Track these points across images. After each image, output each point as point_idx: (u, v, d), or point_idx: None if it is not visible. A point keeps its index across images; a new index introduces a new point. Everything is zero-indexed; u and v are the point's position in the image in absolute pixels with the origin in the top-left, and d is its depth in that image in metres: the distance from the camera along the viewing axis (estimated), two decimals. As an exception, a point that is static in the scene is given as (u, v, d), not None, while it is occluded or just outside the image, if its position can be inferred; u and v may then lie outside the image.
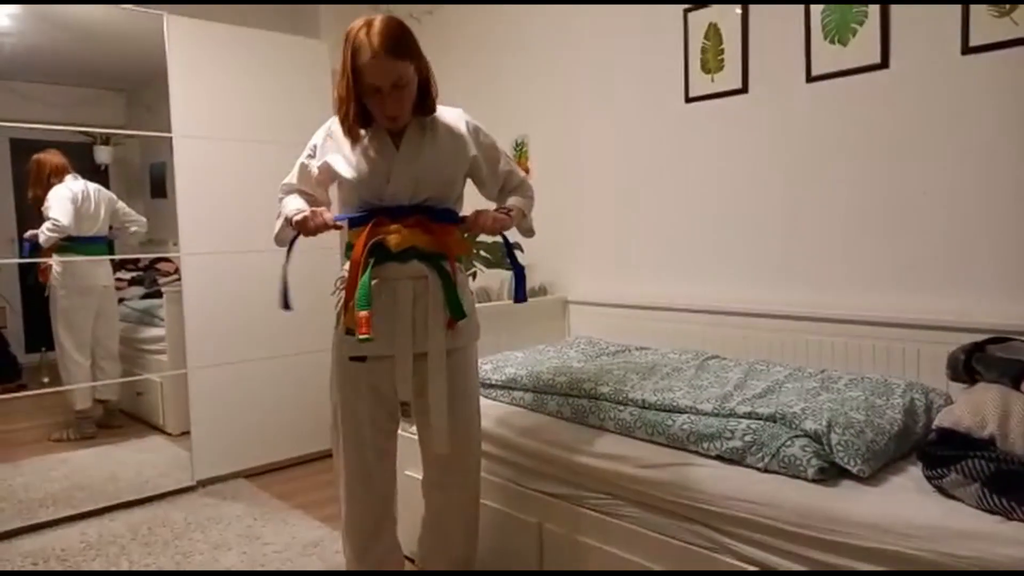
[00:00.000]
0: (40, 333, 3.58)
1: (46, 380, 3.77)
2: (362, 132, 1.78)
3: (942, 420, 1.53)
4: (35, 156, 3.38)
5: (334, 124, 1.83)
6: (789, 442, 1.64)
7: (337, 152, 1.80)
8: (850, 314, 2.31)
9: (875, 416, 1.71)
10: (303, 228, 1.75)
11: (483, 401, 2.06)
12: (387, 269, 1.75)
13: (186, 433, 3.40)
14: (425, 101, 1.79)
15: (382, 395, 1.83)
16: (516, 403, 2.31)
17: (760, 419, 1.74)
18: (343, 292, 1.79)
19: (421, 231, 1.76)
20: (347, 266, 1.82)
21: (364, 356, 1.79)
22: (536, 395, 2.24)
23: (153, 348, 3.74)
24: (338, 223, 1.78)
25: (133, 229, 3.62)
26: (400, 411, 1.86)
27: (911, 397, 1.86)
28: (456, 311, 1.78)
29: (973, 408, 1.50)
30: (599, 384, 2.12)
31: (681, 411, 1.88)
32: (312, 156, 1.88)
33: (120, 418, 3.77)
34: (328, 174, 1.84)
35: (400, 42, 1.66)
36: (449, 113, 1.87)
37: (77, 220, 3.38)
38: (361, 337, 1.63)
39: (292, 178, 1.92)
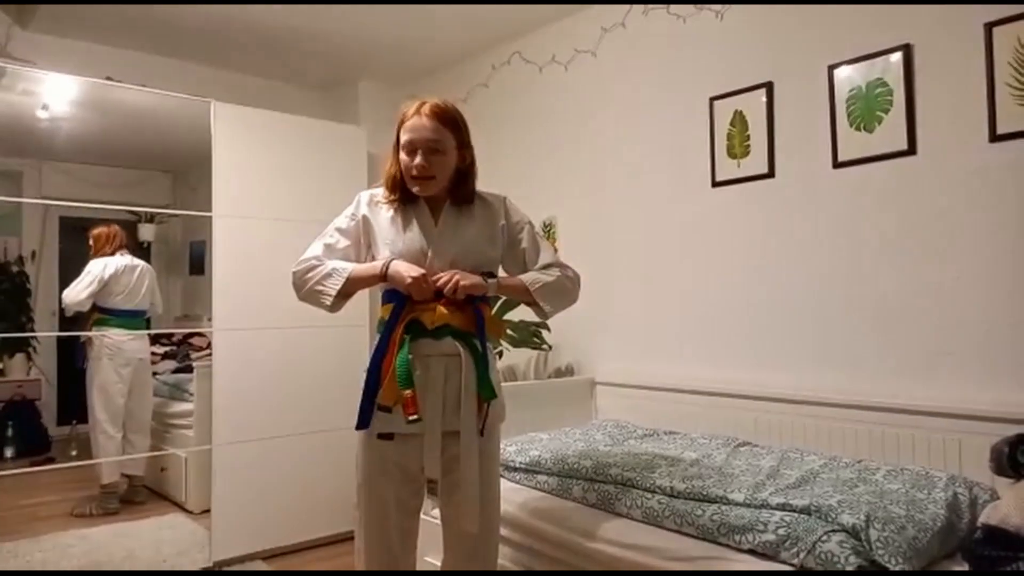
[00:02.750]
0: (72, 406, 3.62)
1: (74, 453, 3.79)
2: (401, 205, 1.82)
3: (988, 517, 1.45)
4: (98, 228, 3.53)
5: (378, 193, 1.88)
6: (825, 537, 1.56)
7: (378, 218, 1.85)
8: (886, 402, 2.24)
9: (916, 511, 1.63)
10: (415, 289, 1.72)
11: (506, 484, 2.02)
12: (421, 346, 1.76)
13: (207, 511, 3.36)
14: (463, 188, 1.84)
15: (408, 473, 1.81)
16: (540, 487, 2.25)
17: (794, 511, 1.67)
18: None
19: (456, 309, 1.77)
20: (378, 341, 1.82)
21: (392, 433, 1.77)
22: (561, 479, 2.18)
23: (180, 423, 3.75)
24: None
25: (152, 312, 3.73)
26: (427, 488, 1.82)
27: (954, 491, 1.78)
28: (487, 391, 1.77)
29: (1021, 505, 1.42)
30: (626, 469, 2.06)
31: (711, 500, 1.81)
32: (352, 220, 1.89)
33: (143, 494, 3.75)
34: (368, 235, 1.86)
35: (447, 113, 1.77)
36: (490, 195, 1.93)
37: (117, 295, 3.48)
38: (410, 418, 1.63)
39: (316, 251, 1.90)
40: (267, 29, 3.60)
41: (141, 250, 3.83)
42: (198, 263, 3.91)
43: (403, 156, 1.78)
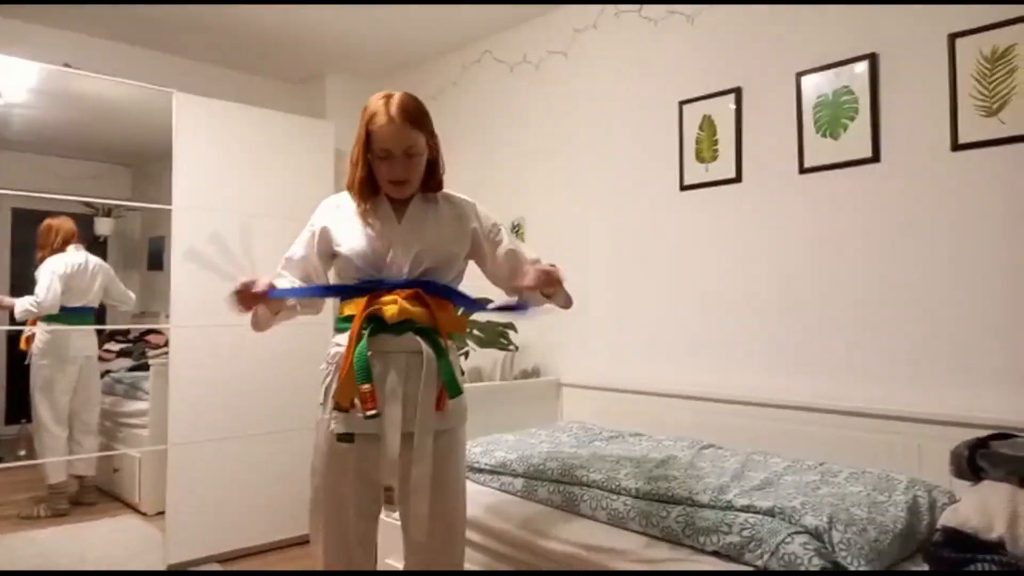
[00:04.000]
0: (22, 404, 3.49)
1: (23, 453, 3.66)
2: (366, 203, 1.78)
3: (948, 519, 1.47)
4: (47, 221, 3.40)
5: (342, 198, 1.84)
6: (789, 539, 1.57)
7: (339, 222, 1.80)
8: (850, 406, 2.27)
9: (877, 513, 1.65)
10: (240, 300, 1.74)
11: (471, 486, 1.99)
12: (381, 341, 1.69)
13: (161, 513, 3.27)
14: (432, 178, 1.81)
15: (368, 478, 1.75)
16: (505, 488, 2.22)
17: (759, 513, 1.67)
18: (332, 367, 1.74)
19: (418, 303, 1.73)
20: (336, 338, 1.78)
21: (352, 435, 1.71)
22: (527, 481, 2.16)
23: (135, 422, 3.64)
24: (270, 296, 1.73)
25: (122, 308, 3.60)
26: (384, 496, 1.76)
27: (914, 494, 1.80)
28: (452, 387, 1.72)
29: (980, 507, 1.44)
30: (591, 471, 2.05)
31: (677, 502, 1.81)
32: (311, 232, 1.86)
33: (95, 495, 3.63)
34: (327, 243, 1.82)
35: (416, 113, 1.72)
36: (457, 197, 1.90)
37: (67, 292, 3.36)
38: (368, 413, 1.58)
39: (296, 252, 1.89)
40: (233, 19, 3.52)
41: (97, 244, 3.71)
42: (156, 259, 3.81)
43: (377, 162, 1.73)
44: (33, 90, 3.30)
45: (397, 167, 1.71)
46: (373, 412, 1.59)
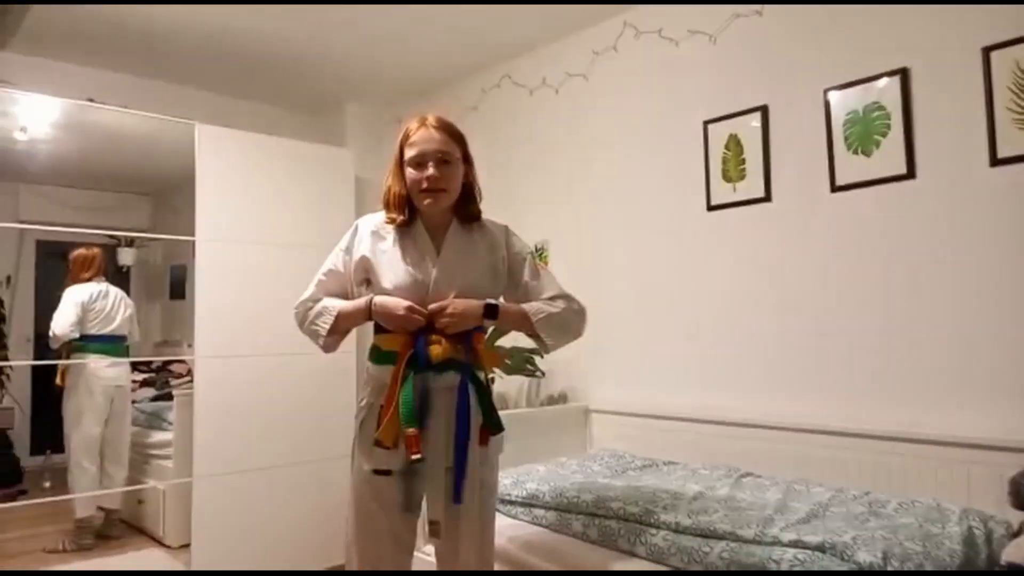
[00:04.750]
0: (46, 435, 3.50)
1: (48, 485, 3.67)
2: (400, 216, 1.75)
3: (1011, 555, 1.40)
4: (79, 251, 3.44)
5: (379, 223, 1.80)
6: (842, 576, 1.50)
7: (378, 252, 1.77)
8: (891, 431, 2.19)
9: (933, 547, 1.57)
10: (405, 322, 1.65)
11: (503, 519, 1.94)
12: (422, 379, 1.68)
13: (186, 546, 3.23)
14: (468, 206, 1.78)
15: (406, 510, 1.73)
16: (537, 522, 2.16)
17: (807, 548, 1.60)
18: (371, 401, 1.72)
19: (458, 341, 1.70)
20: (372, 370, 1.75)
21: (390, 470, 1.69)
22: (560, 514, 2.10)
23: (159, 453, 3.63)
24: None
25: (127, 342, 3.61)
26: (428, 529, 1.73)
27: (968, 525, 1.72)
28: (494, 424, 1.70)
29: (1046, 541, 1.37)
30: (628, 503, 1.98)
31: (719, 537, 1.74)
32: (346, 253, 1.82)
33: (120, 528, 3.62)
34: (363, 272, 1.78)
35: (452, 127, 1.76)
36: (492, 224, 1.87)
37: (92, 320, 3.38)
38: (413, 458, 1.56)
39: (311, 291, 1.86)
40: (252, 51, 3.54)
41: (120, 275, 3.73)
42: (178, 287, 3.82)
43: (410, 171, 1.72)
44: (57, 125, 3.33)
45: (431, 172, 1.69)
46: (418, 456, 1.57)
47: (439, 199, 1.72)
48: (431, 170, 1.69)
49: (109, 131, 3.45)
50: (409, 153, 1.72)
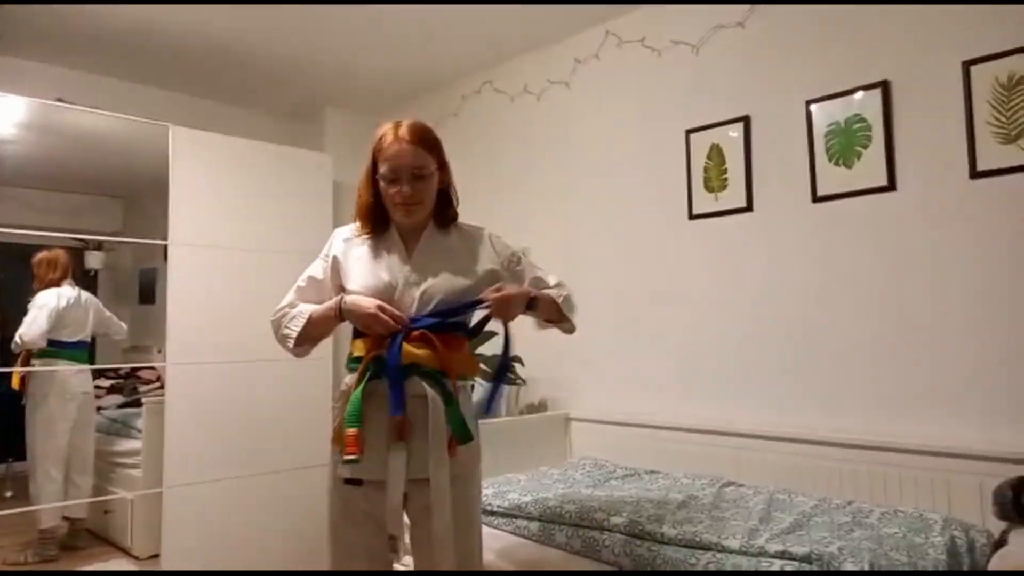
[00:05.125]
0: (7, 442, 3.38)
1: (10, 494, 3.55)
2: (371, 230, 1.73)
3: (998, 565, 1.40)
4: (41, 254, 3.33)
5: (353, 229, 1.79)
6: (829, 587, 1.49)
7: (349, 254, 1.75)
8: (873, 440, 2.20)
9: (918, 557, 1.58)
10: (373, 321, 1.62)
11: (484, 530, 1.89)
12: (384, 386, 1.63)
13: (155, 556, 3.14)
14: (445, 211, 1.75)
15: (379, 523, 1.68)
16: (519, 532, 2.13)
17: (794, 559, 1.60)
18: (340, 408, 1.68)
19: (424, 345, 1.65)
20: (346, 378, 1.71)
21: (360, 480, 1.64)
22: (543, 524, 2.07)
23: (126, 462, 3.52)
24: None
25: (116, 338, 3.52)
26: (389, 546, 1.68)
27: (951, 535, 1.73)
28: (461, 433, 1.65)
29: (1031, 552, 1.37)
30: (611, 514, 1.96)
31: (705, 547, 1.73)
32: (324, 261, 1.80)
33: (85, 538, 3.50)
34: (337, 275, 1.76)
35: (426, 136, 1.69)
36: (469, 227, 1.84)
37: (62, 327, 3.28)
38: (347, 458, 1.51)
39: (289, 298, 1.82)
40: (229, 52, 3.48)
41: (88, 278, 3.63)
42: (148, 292, 3.72)
43: (384, 185, 1.68)
44: (24, 125, 3.23)
45: (404, 188, 1.66)
46: (352, 457, 1.52)
47: (413, 212, 1.70)
48: (405, 186, 1.66)
49: (79, 132, 3.36)
50: (382, 168, 1.67)
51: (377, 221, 1.74)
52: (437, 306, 1.69)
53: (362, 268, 1.72)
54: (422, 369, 1.64)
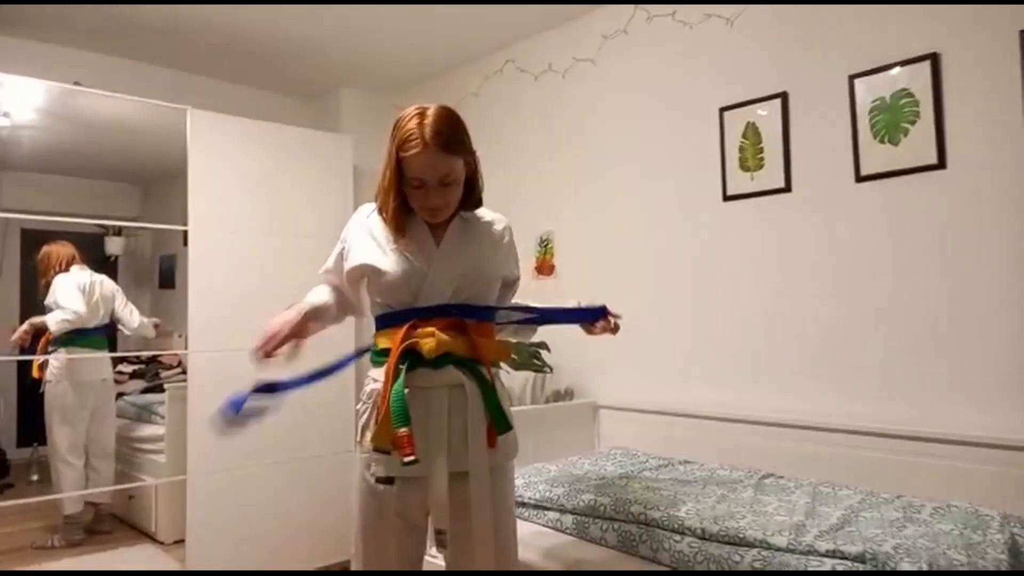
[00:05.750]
0: (33, 427, 3.40)
1: (35, 478, 3.59)
2: (404, 236, 1.64)
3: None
4: (44, 247, 3.30)
5: (373, 218, 1.70)
6: (886, 589, 1.42)
7: (374, 248, 1.66)
8: (922, 431, 2.11)
9: (977, 556, 1.50)
10: (270, 338, 1.78)
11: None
12: (418, 377, 1.57)
13: (180, 542, 3.14)
14: (471, 195, 1.67)
15: (411, 522, 1.62)
16: (551, 525, 2.08)
17: (847, 558, 1.52)
18: (369, 405, 1.61)
19: (457, 334, 1.59)
20: (372, 372, 1.64)
21: (392, 477, 1.58)
22: (576, 517, 2.01)
23: (150, 448, 3.51)
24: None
25: (127, 332, 3.46)
26: (435, 540, 1.63)
27: (1011, 532, 1.65)
28: (500, 423, 1.59)
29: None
30: (648, 507, 1.89)
31: (749, 544, 1.65)
32: (343, 243, 1.74)
33: (110, 523, 3.53)
34: (361, 271, 1.68)
35: (453, 136, 1.56)
36: (490, 213, 1.77)
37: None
38: (406, 460, 1.44)
39: (329, 264, 1.80)
40: (245, 33, 3.40)
41: (108, 264, 3.60)
42: (168, 277, 3.70)
43: (411, 190, 1.58)
44: (41, 109, 3.19)
45: (432, 196, 1.57)
46: (411, 458, 1.45)
47: (440, 215, 1.62)
48: (433, 198, 1.57)
49: (96, 116, 3.31)
50: (407, 171, 1.56)
51: (404, 220, 1.64)
52: (468, 295, 1.62)
53: (392, 253, 1.64)
54: (456, 358, 1.58)
